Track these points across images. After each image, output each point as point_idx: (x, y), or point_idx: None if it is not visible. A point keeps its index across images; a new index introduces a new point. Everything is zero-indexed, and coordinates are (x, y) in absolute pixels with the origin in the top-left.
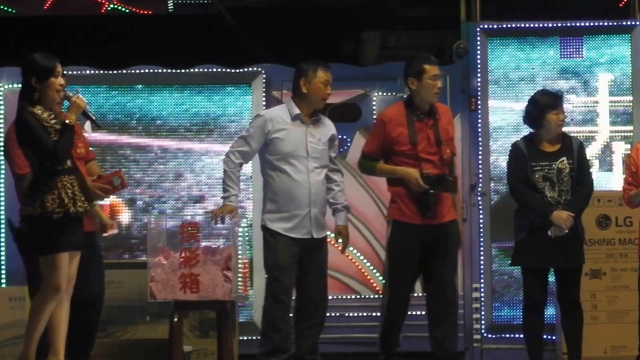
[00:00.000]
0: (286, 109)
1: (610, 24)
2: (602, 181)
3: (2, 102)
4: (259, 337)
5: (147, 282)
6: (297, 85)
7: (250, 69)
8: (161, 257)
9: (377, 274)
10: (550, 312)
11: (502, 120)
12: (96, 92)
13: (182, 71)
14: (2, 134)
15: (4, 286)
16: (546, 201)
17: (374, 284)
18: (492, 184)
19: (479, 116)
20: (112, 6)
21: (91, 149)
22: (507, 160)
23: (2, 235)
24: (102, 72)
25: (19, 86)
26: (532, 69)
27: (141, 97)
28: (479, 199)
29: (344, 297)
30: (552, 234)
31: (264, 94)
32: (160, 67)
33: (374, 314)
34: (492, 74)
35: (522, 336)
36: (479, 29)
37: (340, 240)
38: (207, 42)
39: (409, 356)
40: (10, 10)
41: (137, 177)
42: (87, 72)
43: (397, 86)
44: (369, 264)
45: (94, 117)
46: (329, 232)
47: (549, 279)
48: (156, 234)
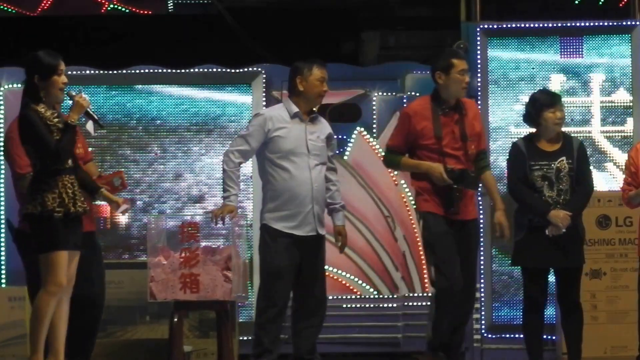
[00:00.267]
0: (284, 107)
1: (610, 24)
2: (599, 181)
3: (2, 102)
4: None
5: (147, 282)
6: (294, 83)
7: (250, 69)
8: (161, 257)
9: (377, 274)
10: (550, 312)
11: (502, 120)
12: (96, 92)
13: (182, 71)
14: (2, 134)
15: (4, 286)
16: (544, 200)
17: (374, 284)
18: None
19: None
20: (112, 6)
21: (90, 149)
22: (507, 159)
23: (2, 235)
24: (102, 72)
25: (19, 86)
26: (532, 69)
27: (141, 97)
28: (479, 199)
29: (344, 297)
30: (549, 233)
31: (264, 94)
32: (160, 67)
33: (374, 314)
34: (492, 74)
35: (522, 336)
36: (479, 29)
37: (339, 240)
38: (207, 42)
39: (409, 356)
40: (10, 10)
41: (137, 177)
42: (87, 72)
43: (397, 86)
44: (368, 264)
45: (96, 117)
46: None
47: (549, 279)
48: (156, 234)
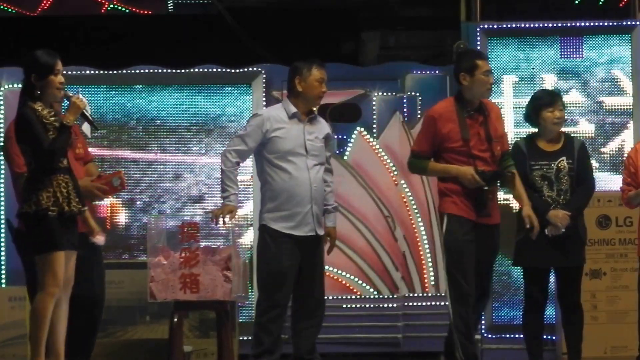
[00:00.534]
0: (283, 108)
1: (610, 24)
2: (598, 182)
3: (2, 102)
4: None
5: (147, 282)
6: (292, 84)
7: (250, 69)
8: (161, 257)
9: (377, 274)
10: (550, 312)
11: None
12: (96, 92)
13: (182, 71)
14: (1, 134)
15: (4, 286)
16: (544, 200)
17: (374, 284)
18: None
19: None
20: (112, 6)
21: (90, 149)
22: None
23: (2, 235)
24: (101, 72)
25: (19, 86)
26: (532, 69)
27: (141, 97)
28: None
29: (344, 297)
30: (548, 233)
31: (264, 94)
32: (160, 67)
33: (374, 314)
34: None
35: (522, 336)
36: (479, 29)
37: (328, 241)
38: (207, 42)
39: (409, 356)
40: (10, 10)
41: (137, 177)
42: (87, 72)
43: (397, 86)
44: (368, 264)
45: (92, 119)
46: None
47: (550, 279)
48: (156, 234)
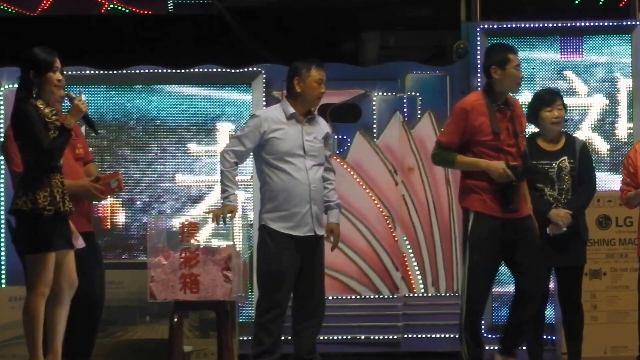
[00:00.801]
0: (281, 108)
1: (610, 24)
2: (598, 182)
3: (2, 102)
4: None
5: (147, 282)
6: (291, 84)
7: (250, 69)
8: (161, 257)
9: (377, 274)
10: (550, 312)
11: None
12: (95, 92)
13: (182, 71)
14: (1, 134)
15: (4, 286)
16: (545, 199)
17: (374, 284)
18: None
19: None
20: (112, 6)
21: (90, 149)
22: None
23: (2, 235)
24: (101, 72)
25: None
26: (532, 69)
27: (140, 97)
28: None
29: (344, 297)
30: (550, 232)
31: (264, 94)
32: (160, 67)
33: (374, 314)
34: None
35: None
36: (479, 29)
37: (332, 238)
38: (207, 42)
39: (409, 356)
40: (10, 10)
41: (137, 177)
42: (87, 72)
43: (397, 86)
44: (368, 264)
45: (92, 122)
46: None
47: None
48: (156, 234)
